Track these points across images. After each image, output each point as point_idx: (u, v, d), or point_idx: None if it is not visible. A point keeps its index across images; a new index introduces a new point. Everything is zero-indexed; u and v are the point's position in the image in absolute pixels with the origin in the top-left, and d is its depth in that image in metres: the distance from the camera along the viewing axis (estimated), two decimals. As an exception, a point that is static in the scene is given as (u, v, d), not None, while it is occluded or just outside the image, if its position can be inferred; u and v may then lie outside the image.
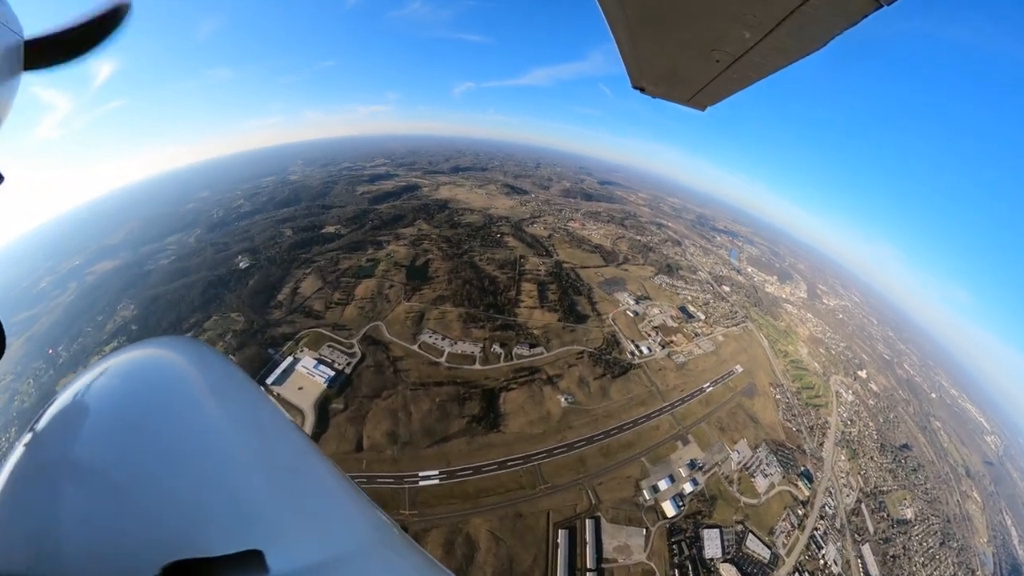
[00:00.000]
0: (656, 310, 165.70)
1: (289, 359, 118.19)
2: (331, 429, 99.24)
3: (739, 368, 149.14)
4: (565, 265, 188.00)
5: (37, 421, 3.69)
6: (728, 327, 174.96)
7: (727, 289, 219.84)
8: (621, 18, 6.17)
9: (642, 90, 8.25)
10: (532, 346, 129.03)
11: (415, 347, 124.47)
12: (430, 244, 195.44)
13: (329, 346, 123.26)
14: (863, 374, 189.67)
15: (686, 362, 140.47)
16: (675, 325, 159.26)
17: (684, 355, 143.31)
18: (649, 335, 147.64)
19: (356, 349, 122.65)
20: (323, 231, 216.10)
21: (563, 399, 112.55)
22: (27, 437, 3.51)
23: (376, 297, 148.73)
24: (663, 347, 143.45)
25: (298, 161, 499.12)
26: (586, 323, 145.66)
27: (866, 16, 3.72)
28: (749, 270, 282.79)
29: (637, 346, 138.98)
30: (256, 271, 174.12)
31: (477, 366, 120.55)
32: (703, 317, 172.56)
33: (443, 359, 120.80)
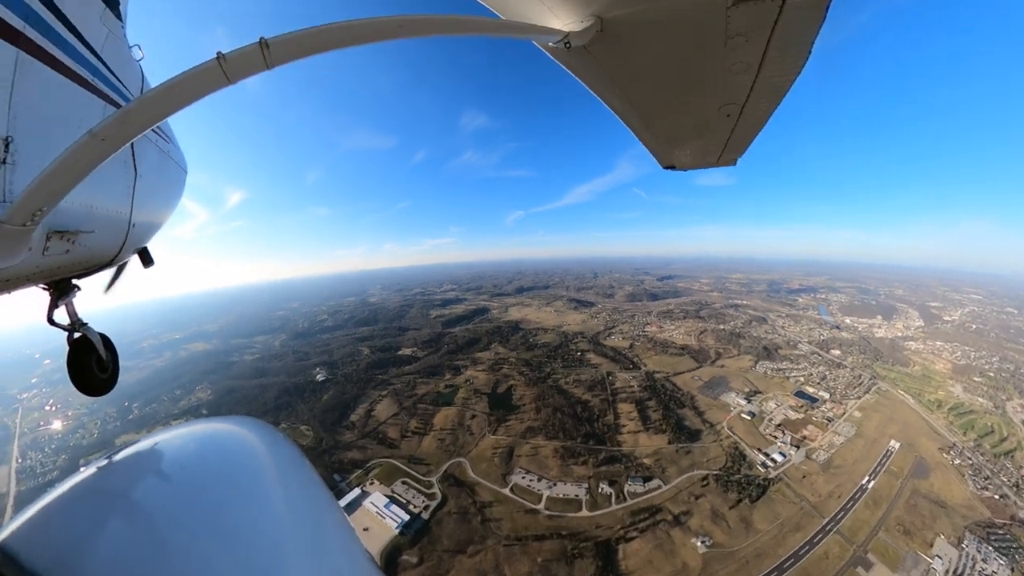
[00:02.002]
0: (772, 404, 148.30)
1: (356, 491, 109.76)
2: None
3: (895, 444, 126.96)
4: (657, 375, 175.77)
5: (116, 452, 4.07)
6: (860, 397, 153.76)
7: (837, 353, 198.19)
8: (631, 111, 7.07)
9: (673, 168, 8.93)
10: (646, 479, 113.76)
11: (506, 491, 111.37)
12: (510, 368, 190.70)
13: (403, 482, 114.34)
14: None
15: (830, 458, 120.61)
16: (800, 416, 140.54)
17: (824, 450, 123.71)
18: (775, 437, 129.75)
19: (436, 489, 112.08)
20: (399, 353, 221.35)
21: (699, 543, 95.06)
22: (103, 462, 3.89)
23: (457, 428, 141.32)
24: (797, 447, 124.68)
25: (377, 285, 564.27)
26: (700, 439, 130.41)
27: (828, 4, 4.04)
28: (848, 321, 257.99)
29: (767, 454, 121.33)
30: (332, 386, 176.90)
31: (584, 512, 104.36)
32: (827, 396, 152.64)
33: (541, 505, 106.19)
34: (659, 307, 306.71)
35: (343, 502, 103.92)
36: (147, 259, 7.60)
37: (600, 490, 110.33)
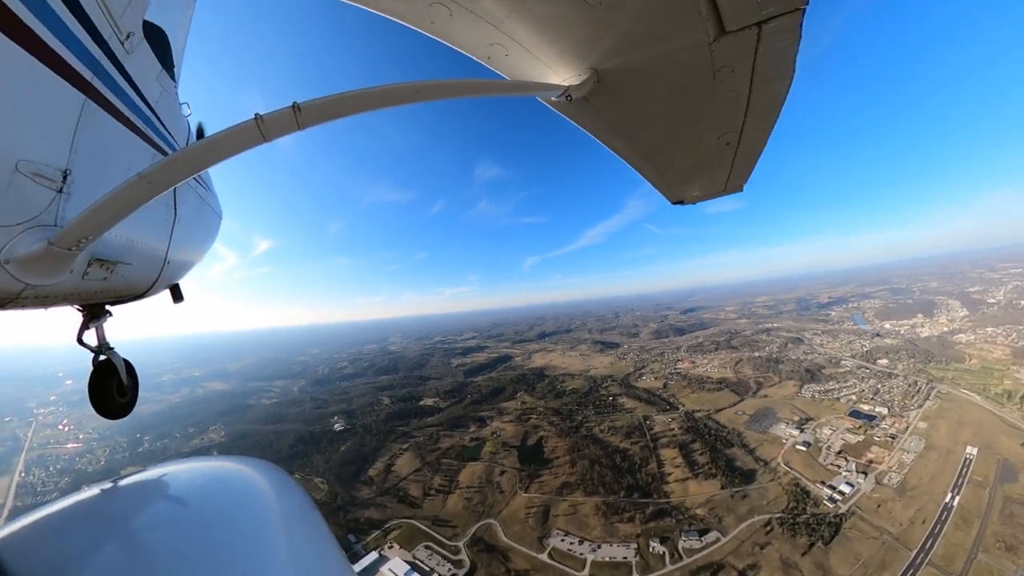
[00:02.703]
0: (827, 430, 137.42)
1: (373, 555, 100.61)
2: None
3: (972, 450, 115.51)
4: (698, 415, 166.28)
5: (121, 478, 4.20)
6: (921, 405, 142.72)
7: (885, 362, 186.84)
8: (634, 153, 7.58)
9: (682, 202, 9.30)
10: (702, 532, 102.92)
11: (544, 556, 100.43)
12: (539, 419, 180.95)
13: (427, 546, 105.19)
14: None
15: (904, 479, 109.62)
16: (860, 438, 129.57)
17: (895, 471, 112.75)
18: (838, 466, 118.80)
19: (463, 555, 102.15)
20: (421, 403, 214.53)
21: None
22: (106, 485, 4.01)
23: (486, 486, 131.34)
24: (864, 474, 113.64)
25: (397, 334, 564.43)
26: (756, 480, 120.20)
27: (801, 22, 4.31)
28: (887, 326, 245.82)
29: (832, 487, 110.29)
30: (350, 436, 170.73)
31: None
32: (884, 411, 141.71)
33: (586, 571, 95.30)
34: (688, 341, 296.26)
35: (358, 567, 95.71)
36: (178, 295, 7.91)
37: (651, 549, 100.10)
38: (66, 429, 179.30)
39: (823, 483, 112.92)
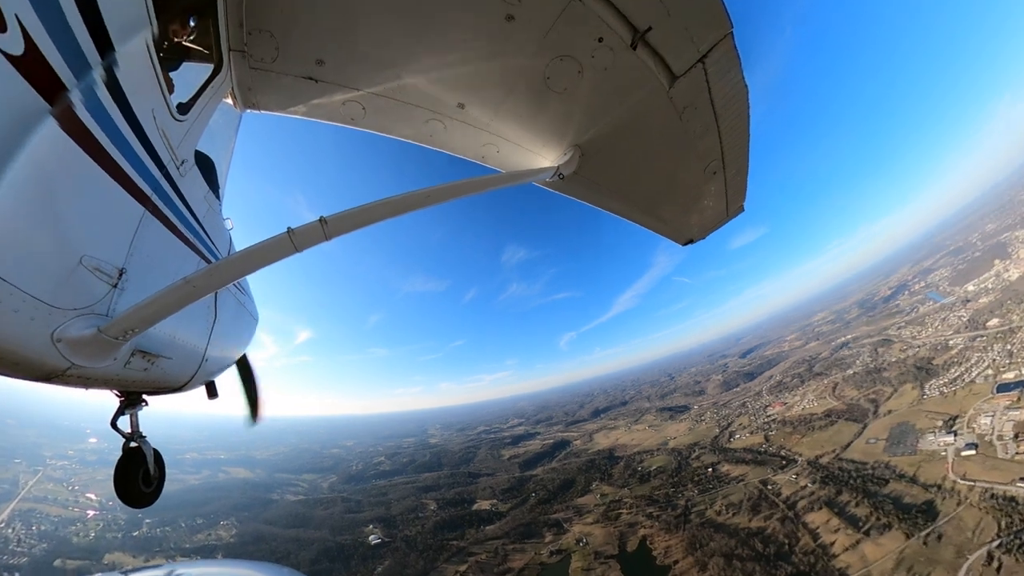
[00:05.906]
0: (984, 419, 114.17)
1: None
2: None
3: None
4: (824, 460, 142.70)
5: (140, 570, 4.56)
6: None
7: (996, 321, 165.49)
8: (633, 210, 8.16)
9: (692, 241, 9.60)
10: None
11: None
12: (630, 512, 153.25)
13: None
14: None
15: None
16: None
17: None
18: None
19: None
20: (475, 507, 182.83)
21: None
22: None
23: None
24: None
25: (436, 425, 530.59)
26: (940, 512, 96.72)
27: (734, 44, 4.80)
28: (971, 288, 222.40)
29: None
30: (389, 553, 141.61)
31: None
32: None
33: None
34: (764, 384, 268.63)
35: None
36: (213, 392, 8.18)
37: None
38: (71, 489, 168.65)
39: (1020, 480, 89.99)
